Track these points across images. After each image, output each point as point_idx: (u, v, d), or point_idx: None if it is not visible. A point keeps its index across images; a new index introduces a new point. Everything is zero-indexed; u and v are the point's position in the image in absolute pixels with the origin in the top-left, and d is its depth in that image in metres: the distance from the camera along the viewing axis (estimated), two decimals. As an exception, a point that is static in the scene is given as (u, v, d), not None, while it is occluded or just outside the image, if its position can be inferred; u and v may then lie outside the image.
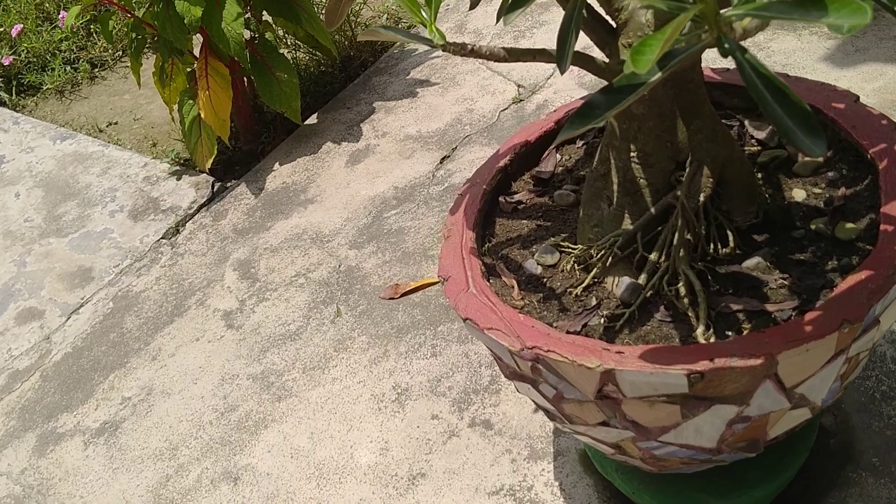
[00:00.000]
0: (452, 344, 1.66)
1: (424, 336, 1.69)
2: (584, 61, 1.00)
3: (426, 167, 2.12)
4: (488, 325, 1.03)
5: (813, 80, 1.20)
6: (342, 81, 2.53)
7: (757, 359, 0.89)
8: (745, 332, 0.96)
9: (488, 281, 1.12)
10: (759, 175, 1.14)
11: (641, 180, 1.05)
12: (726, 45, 0.70)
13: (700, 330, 0.96)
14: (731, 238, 1.05)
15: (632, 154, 1.04)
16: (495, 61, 0.96)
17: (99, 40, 3.14)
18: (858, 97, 1.14)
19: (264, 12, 2.29)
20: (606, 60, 1.03)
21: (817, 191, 1.11)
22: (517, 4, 0.85)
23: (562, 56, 0.85)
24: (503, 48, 0.95)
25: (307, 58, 2.60)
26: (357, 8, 2.55)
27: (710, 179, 1.02)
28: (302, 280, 1.91)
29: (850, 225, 1.04)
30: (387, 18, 2.72)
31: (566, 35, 0.84)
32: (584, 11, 0.87)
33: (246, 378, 1.73)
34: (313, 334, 1.77)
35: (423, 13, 0.88)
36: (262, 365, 1.74)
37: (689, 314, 0.99)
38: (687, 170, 1.02)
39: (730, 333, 0.97)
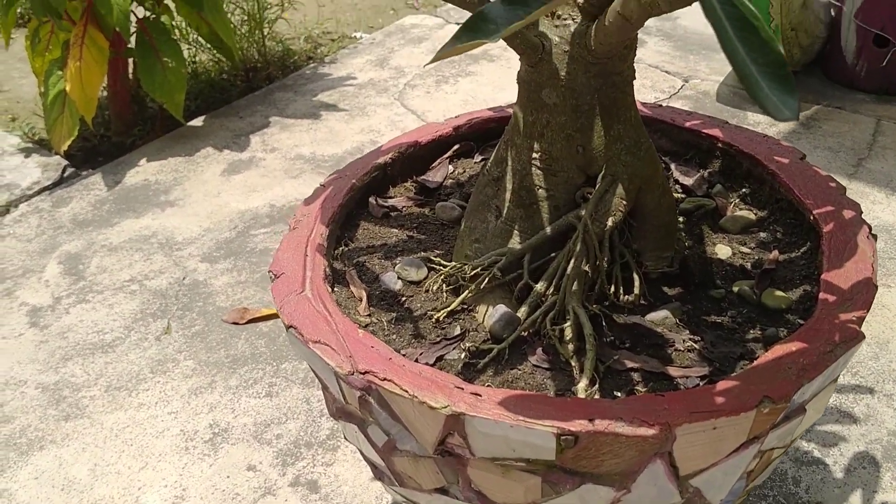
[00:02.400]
0: (294, 386, 1.38)
1: (263, 371, 1.41)
2: None
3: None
4: (316, 336, 0.78)
5: (755, 131, 1.03)
6: (242, 91, 2.28)
7: (649, 427, 0.66)
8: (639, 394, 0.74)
9: (332, 288, 0.88)
10: (681, 221, 0.95)
11: (541, 190, 0.83)
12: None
13: (583, 384, 0.74)
14: (637, 283, 0.84)
15: (534, 156, 0.83)
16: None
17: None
18: (805, 155, 0.98)
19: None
20: None
21: (745, 250, 0.92)
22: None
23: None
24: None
25: (209, 59, 2.36)
26: (273, 17, 2.34)
27: (623, 203, 0.82)
28: (135, 286, 1.61)
29: (779, 293, 0.85)
30: (305, 40, 2.51)
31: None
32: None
33: (35, 387, 1.40)
34: (130, 349, 1.46)
35: None
36: (58, 374, 1.42)
37: (573, 363, 0.77)
38: (598, 185, 0.81)
39: (619, 394, 0.75)
